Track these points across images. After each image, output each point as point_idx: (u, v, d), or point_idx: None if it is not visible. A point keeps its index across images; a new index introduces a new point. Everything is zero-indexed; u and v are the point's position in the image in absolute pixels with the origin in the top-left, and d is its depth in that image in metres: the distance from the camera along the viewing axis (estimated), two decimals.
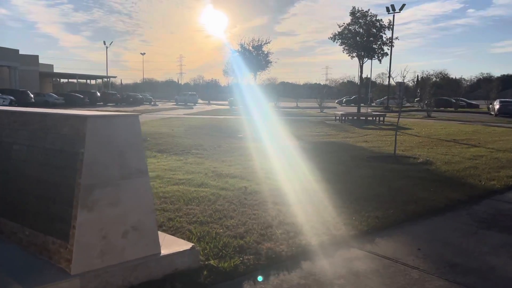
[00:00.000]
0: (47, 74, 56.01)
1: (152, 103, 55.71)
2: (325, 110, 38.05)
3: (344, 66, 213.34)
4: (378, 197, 5.85)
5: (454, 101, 49.35)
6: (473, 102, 52.95)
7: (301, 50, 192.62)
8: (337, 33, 22.54)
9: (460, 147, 12.10)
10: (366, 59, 22.36)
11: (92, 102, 46.40)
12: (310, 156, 10.12)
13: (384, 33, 22.09)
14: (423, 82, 68.79)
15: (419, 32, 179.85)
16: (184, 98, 55.07)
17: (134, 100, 53.83)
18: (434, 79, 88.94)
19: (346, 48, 22.58)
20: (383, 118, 22.47)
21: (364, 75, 61.82)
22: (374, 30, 21.83)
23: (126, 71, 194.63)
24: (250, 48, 34.31)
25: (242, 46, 33.85)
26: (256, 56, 34.32)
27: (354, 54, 22.81)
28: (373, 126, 20.33)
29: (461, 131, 17.60)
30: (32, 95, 37.44)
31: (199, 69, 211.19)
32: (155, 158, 9.39)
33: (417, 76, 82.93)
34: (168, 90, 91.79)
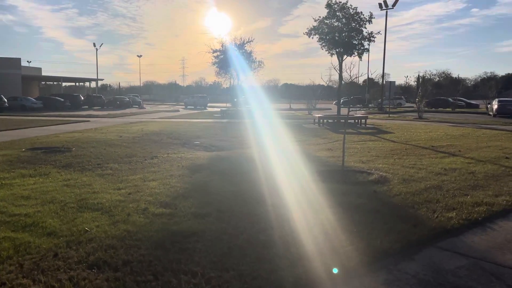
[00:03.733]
0: (32, 78, 54.34)
1: (140, 106, 54.09)
2: (313, 112, 36.10)
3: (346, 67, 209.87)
4: (257, 251, 3.92)
5: (452, 101, 47.17)
6: (473, 102, 50.74)
7: (305, 51, 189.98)
8: (313, 27, 20.45)
9: (435, 157, 10.14)
10: (346, 56, 20.30)
11: (75, 106, 44.58)
12: (244, 171, 8.25)
13: (365, 27, 20.03)
14: (423, 83, 66.59)
15: (422, 33, 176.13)
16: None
17: (121, 103, 52.02)
18: (437, 79, 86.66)
19: (324, 44, 20.52)
20: (365, 121, 20.46)
21: (362, 74, 59.80)
22: (355, 24, 19.76)
23: (131, 74, 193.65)
24: (233, 46, 32.42)
25: (223, 45, 31.92)
26: (239, 55, 32.40)
27: (335, 51, 20.77)
28: (351, 130, 18.34)
29: (447, 135, 15.60)
30: (5, 99, 35.69)
31: (203, 71, 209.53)
32: (42, 177, 7.51)
33: (418, 76, 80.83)
34: (170, 92, 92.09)
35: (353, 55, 20.24)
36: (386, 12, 39.65)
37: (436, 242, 4.30)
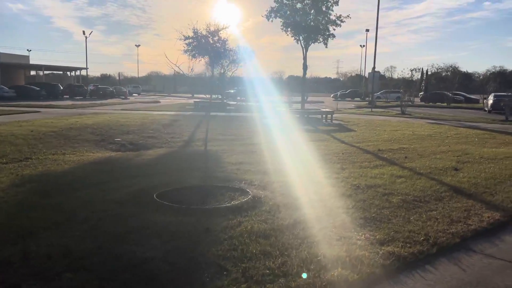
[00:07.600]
0: (14, 66, 52.43)
1: (125, 96, 52.11)
2: (294, 105, 33.76)
3: (355, 60, 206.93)
4: None
5: (450, 95, 44.46)
6: (473, 97, 47.95)
7: (314, 43, 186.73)
8: (271, 8, 18.00)
9: (367, 166, 7.89)
10: (310, 42, 17.92)
11: (53, 95, 42.57)
12: (99, 182, 6.12)
13: (332, 10, 17.60)
14: (427, 77, 63.49)
15: (433, 26, 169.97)
16: None
17: (104, 93, 50.11)
18: (444, 73, 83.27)
19: (287, 29, 18.08)
20: (331, 116, 18.15)
21: (364, 66, 57.21)
22: (320, 6, 17.28)
23: (139, 65, 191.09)
24: (206, 33, 29.95)
25: (195, 31, 29.46)
26: (213, 43, 29.95)
27: (301, 37, 18.40)
28: (309, 127, 16.09)
29: (412, 135, 13.27)
30: None
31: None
32: None
33: (422, 69, 77.81)
34: (169, 83, 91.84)
35: (318, 41, 17.85)
36: None
37: None
